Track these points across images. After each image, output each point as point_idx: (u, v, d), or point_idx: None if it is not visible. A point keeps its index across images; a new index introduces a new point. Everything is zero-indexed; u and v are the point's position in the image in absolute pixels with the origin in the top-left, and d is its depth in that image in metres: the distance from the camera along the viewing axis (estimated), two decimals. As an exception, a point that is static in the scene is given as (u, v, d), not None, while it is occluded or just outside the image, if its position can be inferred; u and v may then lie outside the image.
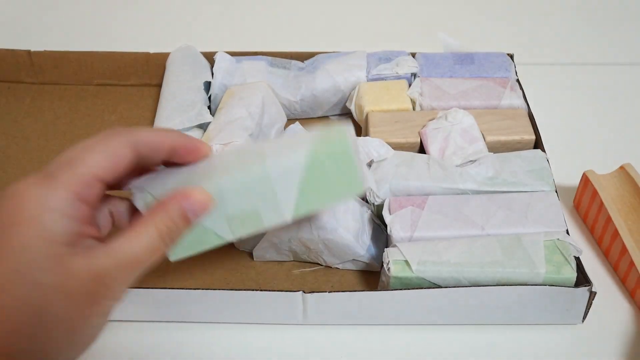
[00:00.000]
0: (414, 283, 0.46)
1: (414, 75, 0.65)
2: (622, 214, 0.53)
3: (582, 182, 0.56)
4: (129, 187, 0.40)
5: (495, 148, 0.58)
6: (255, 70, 0.64)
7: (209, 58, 0.67)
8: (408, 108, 0.61)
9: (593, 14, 0.85)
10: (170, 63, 0.67)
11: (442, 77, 0.64)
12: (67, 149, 0.36)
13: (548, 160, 0.55)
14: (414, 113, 0.61)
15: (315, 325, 0.49)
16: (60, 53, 0.69)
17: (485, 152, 0.56)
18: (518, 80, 0.65)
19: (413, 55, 0.67)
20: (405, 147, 0.58)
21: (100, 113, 0.67)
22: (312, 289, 0.46)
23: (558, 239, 0.48)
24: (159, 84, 0.68)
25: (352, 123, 0.65)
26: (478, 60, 0.65)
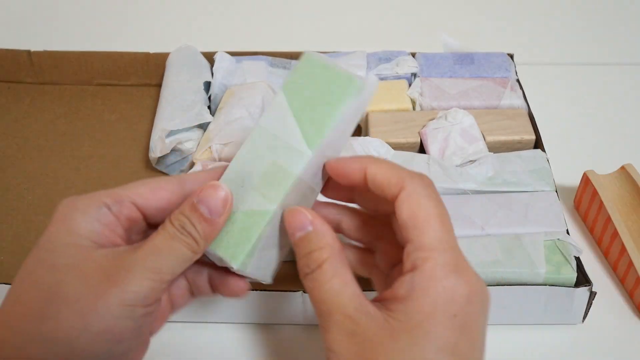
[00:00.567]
0: (414, 283, 0.46)
1: (414, 75, 0.65)
2: (622, 215, 0.53)
3: (582, 182, 0.55)
4: None
5: (496, 148, 0.58)
6: (255, 70, 0.64)
7: (209, 58, 0.67)
8: (408, 108, 0.61)
9: (593, 14, 0.85)
10: (170, 63, 0.67)
11: (442, 77, 0.64)
12: None
13: (548, 160, 0.55)
14: (414, 113, 0.61)
15: (315, 326, 0.49)
16: (60, 53, 0.69)
17: (486, 152, 0.56)
18: (518, 80, 0.65)
19: (413, 55, 0.67)
20: (405, 147, 0.58)
21: (100, 113, 0.67)
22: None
23: (558, 239, 0.48)
24: (159, 84, 0.68)
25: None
26: (478, 60, 0.65)
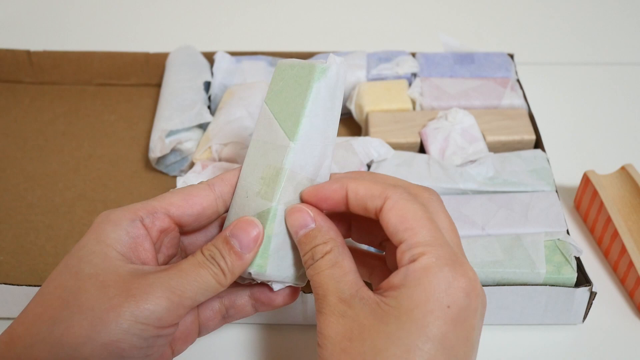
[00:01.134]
0: (414, 283, 0.46)
1: (414, 75, 0.65)
2: (622, 215, 0.52)
3: (582, 182, 0.55)
4: None
5: (496, 148, 0.58)
6: (255, 70, 0.64)
7: (209, 58, 0.67)
8: (408, 108, 0.61)
9: (593, 14, 0.85)
10: (170, 63, 0.67)
11: (442, 77, 0.64)
12: None
13: (548, 160, 0.55)
14: (414, 113, 0.61)
15: (315, 325, 0.49)
16: (60, 53, 0.69)
17: (486, 152, 0.56)
18: (518, 80, 0.65)
19: (413, 55, 0.66)
20: (405, 147, 0.58)
21: (100, 113, 0.67)
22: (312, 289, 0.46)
23: (558, 239, 0.48)
24: (159, 84, 0.68)
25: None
26: (478, 60, 0.65)
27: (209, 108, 0.64)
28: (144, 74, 0.70)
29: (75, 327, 0.32)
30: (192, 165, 0.57)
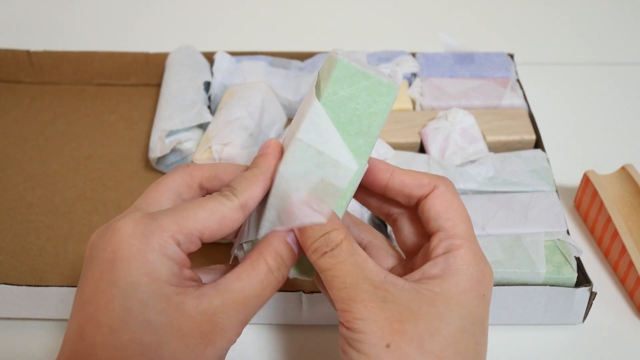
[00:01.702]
0: (414, 283, 0.46)
1: (414, 75, 0.65)
2: (622, 215, 0.52)
3: (582, 182, 0.55)
4: (233, 254, 0.40)
5: (496, 148, 0.58)
6: (255, 70, 0.64)
7: (209, 58, 0.67)
8: (408, 108, 0.61)
9: (593, 14, 0.85)
10: (170, 63, 0.67)
11: (442, 77, 0.64)
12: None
13: (548, 160, 0.55)
14: (414, 113, 0.61)
15: (315, 325, 0.49)
16: (60, 53, 0.69)
17: (486, 152, 0.56)
18: (518, 80, 0.65)
19: (413, 55, 0.66)
20: (405, 147, 0.58)
21: (100, 113, 0.67)
22: (312, 289, 0.46)
23: (558, 239, 0.48)
24: (159, 84, 0.68)
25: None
26: (478, 60, 0.65)
27: (209, 108, 0.64)
28: (144, 74, 0.70)
29: None
30: (192, 165, 0.57)
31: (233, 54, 0.67)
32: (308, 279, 0.40)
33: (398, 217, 0.40)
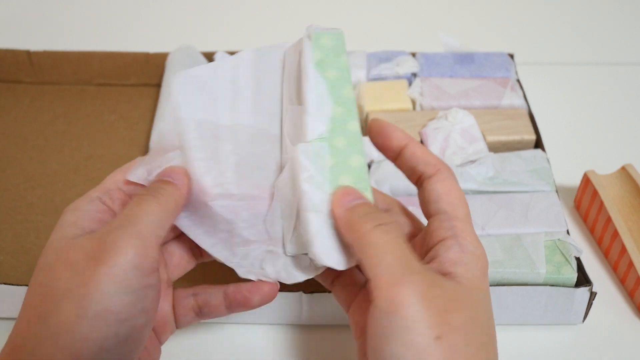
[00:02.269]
0: (414, 283, 0.46)
1: (414, 75, 0.65)
2: (622, 215, 0.52)
3: (582, 182, 0.55)
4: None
5: (496, 148, 0.58)
6: (255, 70, 0.64)
7: (209, 58, 0.67)
8: (408, 108, 0.61)
9: (593, 14, 0.85)
10: (170, 63, 0.67)
11: (442, 77, 0.64)
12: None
13: (548, 160, 0.55)
14: (414, 113, 0.60)
15: (315, 325, 0.49)
16: (60, 53, 0.69)
17: (486, 152, 0.56)
18: (518, 80, 0.65)
19: (413, 55, 0.66)
20: (406, 147, 0.58)
21: (100, 113, 0.67)
22: (312, 289, 0.46)
23: (558, 239, 0.48)
24: (159, 84, 0.68)
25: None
26: (478, 60, 0.65)
27: (209, 108, 0.64)
28: (144, 74, 0.70)
29: (63, 313, 0.32)
30: (192, 165, 0.57)
31: (233, 54, 0.67)
32: (306, 254, 0.39)
33: None
